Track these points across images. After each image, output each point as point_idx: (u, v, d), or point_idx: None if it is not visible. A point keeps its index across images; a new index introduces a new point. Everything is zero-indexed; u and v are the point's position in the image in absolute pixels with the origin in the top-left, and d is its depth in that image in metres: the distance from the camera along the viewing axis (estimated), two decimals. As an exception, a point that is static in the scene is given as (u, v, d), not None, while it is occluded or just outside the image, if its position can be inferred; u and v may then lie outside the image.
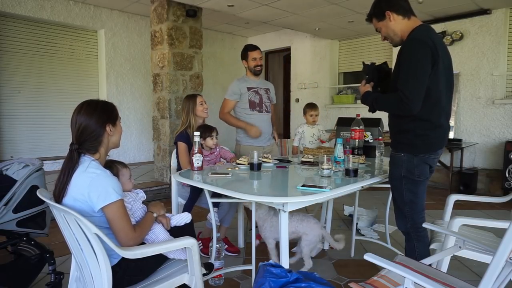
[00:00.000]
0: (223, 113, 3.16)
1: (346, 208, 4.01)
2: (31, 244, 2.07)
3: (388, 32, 1.98)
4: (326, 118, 7.03)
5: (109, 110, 1.63)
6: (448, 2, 4.81)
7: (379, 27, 2.01)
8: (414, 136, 1.89)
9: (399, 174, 1.96)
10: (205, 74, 6.04)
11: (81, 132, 1.53)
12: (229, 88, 3.15)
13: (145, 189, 4.45)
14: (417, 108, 1.79)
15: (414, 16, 1.95)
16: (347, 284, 2.41)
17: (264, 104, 3.18)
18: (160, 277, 1.63)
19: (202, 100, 2.91)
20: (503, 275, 1.20)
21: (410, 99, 1.76)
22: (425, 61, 1.78)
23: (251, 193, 1.81)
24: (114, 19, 6.32)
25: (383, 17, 1.95)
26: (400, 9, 1.91)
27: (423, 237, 1.98)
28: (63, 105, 5.95)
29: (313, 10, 5.16)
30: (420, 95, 1.78)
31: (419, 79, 1.77)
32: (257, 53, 3.11)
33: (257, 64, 3.11)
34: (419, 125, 1.87)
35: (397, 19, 1.92)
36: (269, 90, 3.27)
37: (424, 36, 1.83)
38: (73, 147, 1.52)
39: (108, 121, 1.58)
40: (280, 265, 1.32)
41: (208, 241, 2.89)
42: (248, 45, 3.18)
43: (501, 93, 5.21)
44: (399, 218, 2.04)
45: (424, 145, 1.90)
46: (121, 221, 1.47)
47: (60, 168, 1.52)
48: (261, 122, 3.14)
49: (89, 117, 1.54)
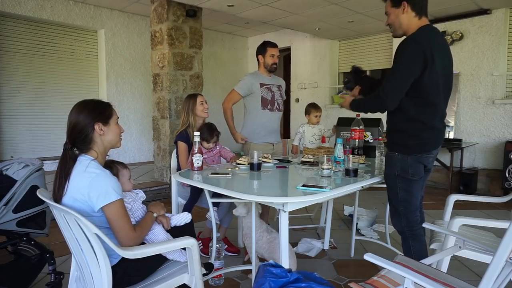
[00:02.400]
0: (227, 105, 3.09)
1: (346, 208, 4.01)
2: (31, 244, 2.07)
3: (395, 21, 1.97)
4: (326, 118, 7.02)
5: (99, 108, 1.59)
6: (448, 2, 4.81)
7: (389, 12, 2.00)
8: (407, 137, 1.93)
9: (393, 173, 1.99)
10: (205, 74, 6.04)
11: (71, 130, 1.53)
12: (241, 81, 3.09)
13: (145, 189, 4.45)
14: (392, 106, 1.87)
15: (426, 17, 1.95)
16: (347, 284, 2.41)
17: (276, 101, 3.13)
18: (160, 277, 1.63)
19: (203, 100, 2.89)
20: (503, 275, 1.20)
21: (386, 95, 1.84)
22: (412, 63, 1.81)
23: (251, 193, 1.81)
24: (114, 19, 6.32)
25: (398, 5, 1.93)
26: (416, 6, 1.91)
27: (418, 236, 2.01)
28: (63, 105, 5.95)
29: (313, 10, 5.16)
30: (397, 94, 1.84)
31: (400, 78, 1.83)
32: (276, 51, 3.08)
33: (275, 62, 3.08)
34: (412, 126, 1.91)
35: (409, 13, 1.92)
36: (281, 87, 3.23)
37: (422, 37, 1.84)
38: (66, 146, 1.52)
39: (97, 120, 1.55)
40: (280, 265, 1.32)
41: (208, 241, 2.89)
42: (268, 41, 3.12)
43: (501, 93, 5.21)
44: (394, 217, 2.08)
45: (417, 146, 1.93)
46: (121, 221, 1.47)
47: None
48: (271, 121, 3.11)
49: (78, 114, 1.53)
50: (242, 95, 3.07)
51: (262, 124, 3.06)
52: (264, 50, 3.07)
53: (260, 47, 3.10)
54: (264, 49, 3.07)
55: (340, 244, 3.18)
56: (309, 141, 3.47)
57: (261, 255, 2.33)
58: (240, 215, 2.36)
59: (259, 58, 3.11)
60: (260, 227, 2.33)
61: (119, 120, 1.68)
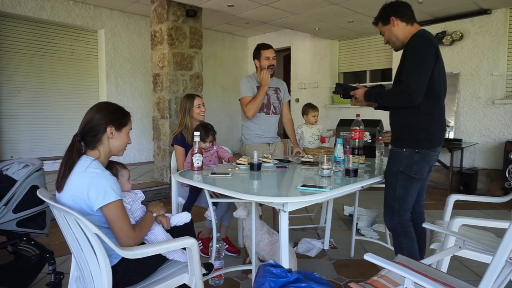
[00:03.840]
0: (248, 111, 2.92)
1: (346, 208, 4.01)
2: (31, 244, 2.07)
3: (391, 36, 2.07)
4: (326, 118, 7.03)
5: (118, 113, 1.64)
6: (448, 2, 4.81)
7: (383, 31, 2.12)
8: (418, 131, 1.96)
9: (396, 169, 2.01)
10: (205, 74, 6.04)
11: (85, 124, 1.56)
12: (241, 87, 3.00)
13: (145, 189, 4.45)
14: (419, 100, 1.87)
15: (416, 23, 2.04)
16: (347, 284, 2.41)
17: (272, 105, 3.04)
18: (160, 277, 1.63)
19: (200, 103, 2.87)
20: (503, 275, 1.20)
21: (413, 90, 1.84)
22: (429, 57, 1.88)
23: (251, 193, 1.81)
24: (114, 19, 6.32)
25: (388, 22, 2.06)
26: (404, 16, 2.01)
27: (409, 233, 2.05)
28: (63, 105, 5.95)
29: (313, 10, 5.16)
30: (422, 88, 1.86)
31: (422, 72, 1.86)
32: (270, 52, 2.98)
33: (270, 64, 2.96)
34: (423, 119, 1.94)
35: (400, 25, 2.02)
36: (279, 90, 3.13)
37: (428, 35, 1.95)
38: (76, 138, 1.54)
39: (111, 123, 1.58)
40: (280, 265, 1.32)
41: (208, 241, 2.89)
42: (261, 44, 3.04)
43: (501, 93, 5.21)
44: (387, 214, 2.11)
45: (427, 141, 1.96)
46: (120, 221, 1.47)
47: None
48: (267, 125, 3.03)
49: (96, 112, 1.58)
50: (252, 95, 2.96)
51: (258, 127, 3.03)
52: (258, 53, 3.00)
53: (255, 51, 3.03)
54: (258, 53, 3.00)
55: (340, 244, 3.18)
56: (309, 142, 3.47)
57: (262, 257, 2.32)
58: (240, 217, 2.35)
59: (255, 63, 3.04)
60: (262, 229, 2.32)
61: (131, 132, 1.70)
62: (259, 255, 2.33)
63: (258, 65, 3.02)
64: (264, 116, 3.02)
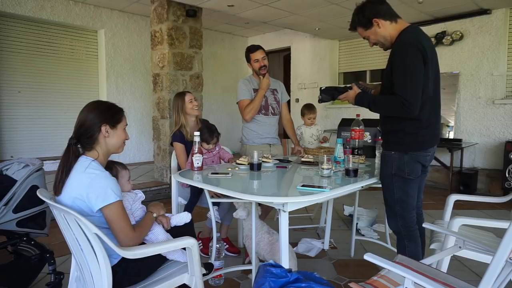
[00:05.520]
0: (246, 114, 2.93)
1: (346, 208, 4.01)
2: (31, 244, 2.07)
3: (378, 38, 2.00)
4: (326, 118, 7.03)
5: (111, 111, 1.63)
6: (448, 2, 4.81)
7: (366, 35, 2.04)
8: (404, 135, 1.91)
9: (389, 172, 1.97)
10: (205, 74, 6.04)
11: (79, 126, 1.55)
12: (239, 90, 2.98)
13: (145, 189, 4.45)
14: (417, 111, 1.82)
15: (400, 18, 1.97)
16: (347, 284, 2.40)
17: (271, 105, 3.03)
18: (160, 277, 1.63)
19: (191, 98, 2.84)
20: (503, 275, 1.20)
21: (410, 103, 1.79)
22: (417, 64, 1.81)
23: (251, 193, 1.81)
24: (114, 19, 6.32)
25: (370, 25, 1.97)
26: (386, 15, 1.93)
27: (415, 237, 1.98)
28: (63, 105, 5.95)
29: (313, 10, 5.16)
30: (419, 98, 1.81)
31: (415, 83, 1.80)
32: (259, 54, 2.91)
33: (261, 66, 2.92)
34: (408, 124, 1.90)
35: (385, 24, 1.94)
36: (277, 91, 3.10)
37: (413, 39, 1.85)
38: (71, 141, 1.54)
39: (105, 121, 1.57)
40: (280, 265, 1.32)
41: (208, 241, 2.89)
42: (250, 46, 3.01)
43: (501, 93, 5.21)
44: (390, 217, 2.06)
45: (415, 143, 1.92)
46: (121, 222, 1.47)
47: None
48: (266, 125, 3.03)
49: (88, 113, 1.57)
50: (249, 98, 2.95)
51: (259, 128, 3.03)
52: (248, 57, 2.98)
53: (245, 55, 3.01)
54: (248, 57, 2.98)
55: (340, 244, 3.18)
56: (308, 142, 3.48)
57: (262, 257, 2.32)
58: (240, 217, 2.35)
59: (248, 66, 3.04)
60: (262, 229, 2.32)
61: (127, 127, 1.70)
62: (259, 255, 2.33)
63: (251, 68, 3.03)
64: (263, 117, 3.02)
